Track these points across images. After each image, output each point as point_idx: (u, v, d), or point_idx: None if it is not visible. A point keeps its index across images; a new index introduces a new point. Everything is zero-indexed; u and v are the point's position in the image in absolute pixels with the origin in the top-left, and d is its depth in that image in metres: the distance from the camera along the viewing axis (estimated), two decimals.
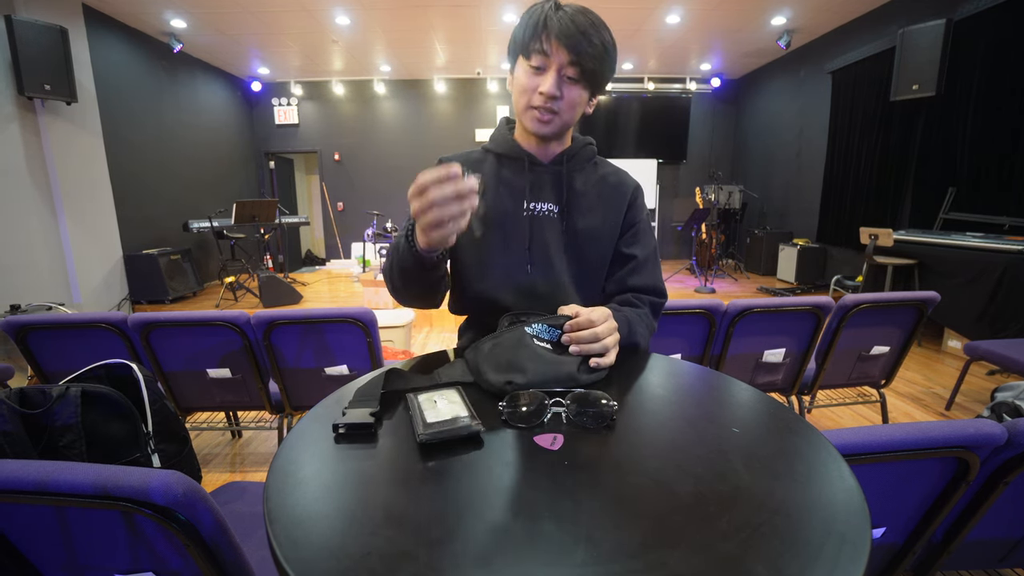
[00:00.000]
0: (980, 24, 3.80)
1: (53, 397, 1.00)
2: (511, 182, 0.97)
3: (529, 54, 0.84)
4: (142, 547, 0.70)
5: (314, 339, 1.75)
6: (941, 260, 3.45)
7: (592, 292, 0.99)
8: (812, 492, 0.48)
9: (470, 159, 1.01)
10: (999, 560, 1.04)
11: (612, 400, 0.62)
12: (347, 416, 0.60)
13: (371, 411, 0.61)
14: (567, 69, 0.83)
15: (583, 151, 1.00)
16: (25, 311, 3.32)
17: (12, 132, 3.93)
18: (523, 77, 0.87)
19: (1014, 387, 1.64)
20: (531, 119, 0.89)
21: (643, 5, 4.86)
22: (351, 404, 0.63)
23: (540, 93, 0.85)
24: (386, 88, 7.66)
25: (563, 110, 0.87)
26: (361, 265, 7.05)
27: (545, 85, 0.84)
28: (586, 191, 0.98)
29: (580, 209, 0.97)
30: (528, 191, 0.96)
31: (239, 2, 4.67)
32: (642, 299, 0.96)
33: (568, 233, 0.96)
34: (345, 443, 0.57)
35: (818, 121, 5.77)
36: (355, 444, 0.57)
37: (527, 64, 0.85)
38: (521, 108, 0.90)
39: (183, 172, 6.07)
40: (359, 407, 0.62)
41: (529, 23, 0.84)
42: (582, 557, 0.39)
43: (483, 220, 0.95)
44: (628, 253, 0.98)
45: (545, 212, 0.96)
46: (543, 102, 0.85)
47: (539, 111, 0.87)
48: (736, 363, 1.91)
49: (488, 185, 0.97)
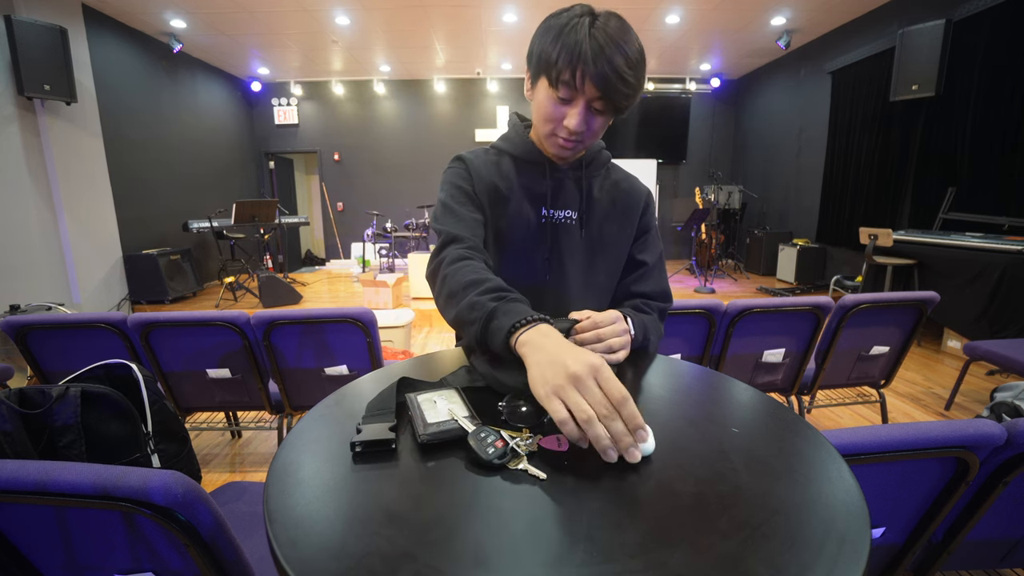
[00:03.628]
0: (980, 24, 3.80)
1: (53, 397, 1.00)
2: (530, 188, 0.94)
3: (557, 84, 0.78)
4: (142, 547, 0.70)
5: (314, 339, 1.75)
6: (941, 260, 3.45)
7: (604, 295, 0.99)
8: (812, 492, 0.48)
9: (487, 159, 0.97)
10: (999, 560, 1.04)
11: None
12: (363, 432, 0.55)
13: (390, 425, 0.56)
14: (596, 102, 0.78)
15: (599, 156, 0.98)
16: (25, 311, 3.32)
17: (12, 132, 3.93)
18: (548, 104, 0.81)
19: (1013, 387, 1.64)
20: (554, 146, 0.87)
21: (643, 5, 4.86)
22: (365, 419, 0.58)
23: (566, 127, 0.81)
24: (386, 88, 7.66)
25: (587, 139, 0.85)
26: (361, 265, 7.05)
27: (572, 121, 0.80)
28: (601, 197, 0.97)
29: (597, 217, 0.96)
30: (549, 198, 0.94)
31: (239, 2, 4.67)
32: (651, 305, 0.96)
33: (586, 241, 0.96)
34: (364, 463, 0.52)
35: (818, 121, 5.77)
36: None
37: (553, 92, 0.79)
38: (544, 133, 0.86)
39: (183, 172, 6.07)
40: (375, 422, 0.57)
41: (562, 47, 0.75)
42: (582, 557, 0.39)
43: (509, 226, 0.92)
44: (639, 259, 0.99)
45: (563, 219, 0.95)
46: (568, 135, 0.82)
47: (563, 139, 0.84)
48: (736, 363, 1.91)
49: (512, 189, 0.94)
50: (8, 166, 3.91)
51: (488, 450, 0.52)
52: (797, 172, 6.30)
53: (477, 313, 0.70)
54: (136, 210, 5.26)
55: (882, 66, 4.65)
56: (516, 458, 0.53)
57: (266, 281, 4.90)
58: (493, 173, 0.95)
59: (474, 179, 0.94)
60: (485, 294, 0.72)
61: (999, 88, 3.68)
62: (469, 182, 0.94)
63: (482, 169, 0.95)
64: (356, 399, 0.69)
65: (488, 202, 0.93)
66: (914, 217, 4.56)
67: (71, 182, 4.39)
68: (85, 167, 4.57)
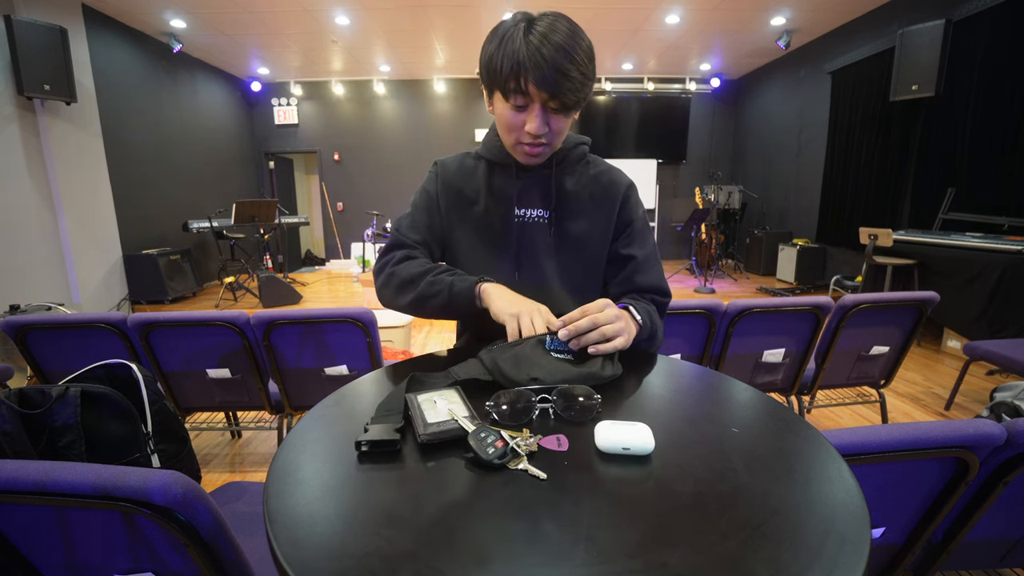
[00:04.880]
0: (979, 24, 3.80)
1: (53, 397, 1.00)
2: (500, 189, 0.97)
3: (507, 95, 0.81)
4: (142, 547, 0.70)
5: (314, 339, 1.75)
6: (940, 260, 3.45)
7: (586, 292, 0.98)
8: (812, 492, 0.48)
9: (464, 166, 1.00)
10: (999, 560, 1.04)
11: (596, 394, 0.64)
12: (370, 432, 0.55)
13: (396, 427, 0.57)
14: (551, 103, 0.80)
15: (573, 152, 0.98)
16: (25, 311, 3.32)
17: (12, 132, 3.93)
18: (506, 114, 0.84)
19: (1013, 387, 1.64)
20: (522, 154, 0.89)
21: (643, 5, 4.86)
22: (374, 419, 0.59)
23: (527, 132, 0.83)
24: (386, 88, 7.66)
25: (552, 140, 0.86)
26: (361, 265, 7.05)
27: (531, 125, 0.82)
28: (577, 192, 0.97)
29: (570, 212, 0.97)
30: (517, 198, 0.96)
31: (239, 2, 4.67)
32: (646, 299, 0.94)
33: (557, 236, 0.96)
34: (368, 463, 0.53)
35: (818, 121, 5.77)
36: (354, 443, 0.57)
37: (507, 103, 0.82)
38: (510, 144, 0.89)
39: (183, 172, 6.07)
40: (382, 422, 0.58)
41: (503, 58, 0.78)
42: (582, 557, 0.39)
43: (475, 229, 0.97)
44: (626, 254, 0.97)
45: (534, 218, 0.96)
46: (532, 140, 0.85)
47: (528, 146, 0.86)
48: (736, 363, 1.91)
49: (480, 193, 0.97)
50: (8, 166, 3.91)
51: (488, 450, 0.52)
52: (797, 172, 6.30)
53: (439, 287, 0.86)
54: (136, 210, 5.25)
55: (882, 66, 4.65)
56: (516, 458, 0.53)
57: (266, 281, 4.90)
58: (463, 178, 0.99)
59: (439, 184, 0.99)
60: (440, 274, 0.88)
61: (999, 88, 3.68)
62: (435, 187, 0.99)
63: (452, 174, 0.99)
64: (356, 399, 0.69)
65: (450, 206, 0.98)
66: (914, 217, 4.56)
67: (71, 182, 4.39)
68: (85, 167, 4.57)
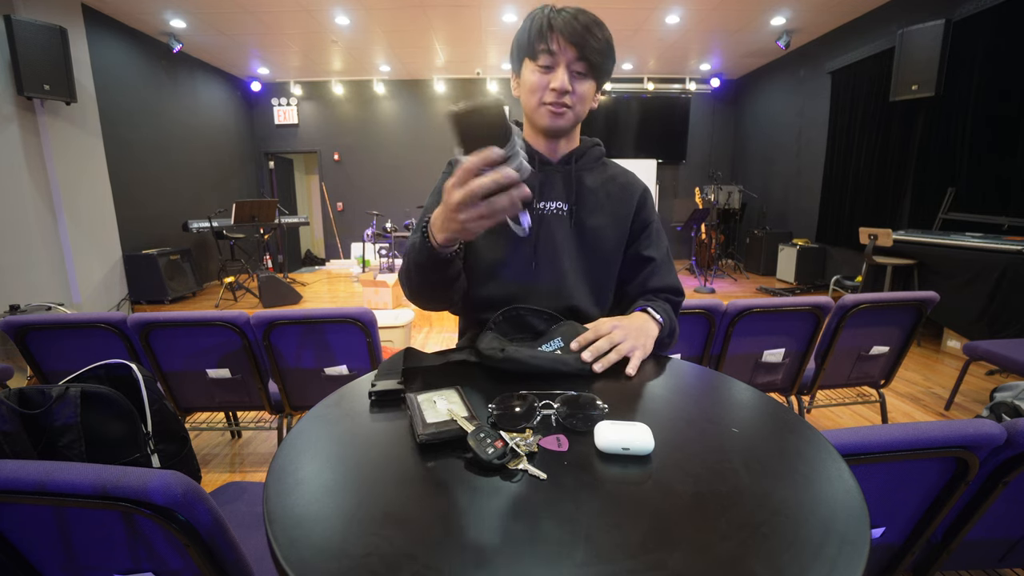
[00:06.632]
0: (979, 24, 3.80)
1: (53, 397, 1.00)
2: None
3: (536, 55, 0.87)
4: (142, 547, 0.70)
5: (314, 339, 1.75)
6: (940, 260, 3.45)
7: (599, 286, 1.00)
8: (811, 492, 0.48)
9: None
10: (998, 560, 1.04)
11: (603, 403, 0.61)
12: (378, 386, 0.68)
13: (398, 380, 0.69)
14: (575, 64, 0.86)
15: (592, 151, 1.02)
16: (25, 311, 3.32)
17: (11, 132, 3.93)
18: (532, 77, 0.89)
19: (1013, 387, 1.65)
20: (545, 114, 0.91)
21: (643, 5, 4.86)
22: (378, 377, 0.71)
23: (552, 89, 0.87)
24: (386, 88, 7.66)
25: (575, 104, 0.90)
26: (361, 265, 7.05)
27: (556, 81, 0.86)
28: (595, 188, 0.99)
29: (588, 207, 0.98)
30: (538, 190, 0.97)
31: (239, 2, 4.67)
32: (662, 298, 0.98)
33: (576, 230, 0.98)
34: (377, 410, 0.65)
35: (818, 121, 5.77)
36: (354, 444, 0.57)
37: (535, 65, 0.88)
38: (532, 107, 0.92)
39: (183, 172, 6.07)
40: (386, 379, 0.70)
41: (532, 27, 0.86)
42: (582, 557, 0.39)
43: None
44: (646, 255, 1.00)
45: (554, 211, 0.98)
46: (556, 98, 0.88)
47: (552, 106, 0.89)
48: (736, 363, 1.91)
49: None
50: (8, 166, 3.91)
51: (488, 450, 0.52)
52: (797, 172, 6.30)
53: (410, 253, 0.83)
54: (136, 210, 5.25)
55: (882, 66, 4.65)
56: (516, 458, 0.53)
57: (266, 281, 4.90)
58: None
59: None
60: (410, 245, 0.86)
61: (998, 88, 3.68)
62: None
63: None
64: (356, 399, 0.69)
65: None
66: (914, 217, 4.56)
67: (71, 182, 4.39)
68: (85, 167, 4.57)
